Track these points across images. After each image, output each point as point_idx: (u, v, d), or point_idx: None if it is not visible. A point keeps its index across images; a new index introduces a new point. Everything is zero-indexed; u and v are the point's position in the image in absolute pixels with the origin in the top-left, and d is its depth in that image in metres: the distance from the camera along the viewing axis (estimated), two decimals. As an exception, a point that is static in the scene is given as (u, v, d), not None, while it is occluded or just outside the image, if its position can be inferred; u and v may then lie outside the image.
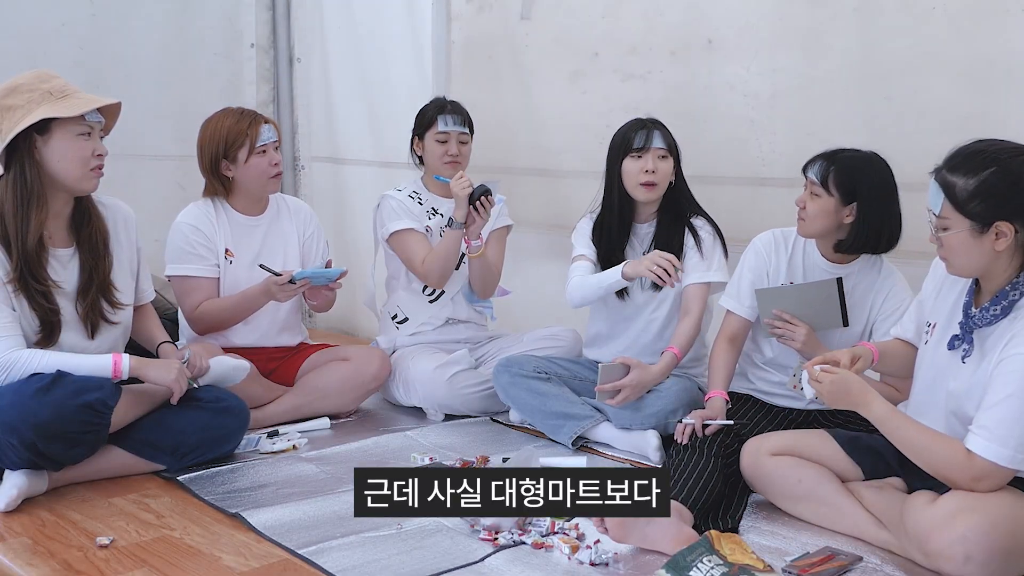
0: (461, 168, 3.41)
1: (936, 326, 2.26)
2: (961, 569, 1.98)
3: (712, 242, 3.07)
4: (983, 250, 2.04)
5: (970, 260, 2.08)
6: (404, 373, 3.36)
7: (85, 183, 2.57)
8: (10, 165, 2.49)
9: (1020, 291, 2.07)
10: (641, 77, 3.63)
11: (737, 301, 2.83)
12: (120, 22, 4.38)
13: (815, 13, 3.19)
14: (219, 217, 3.20)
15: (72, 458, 2.52)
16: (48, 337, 2.56)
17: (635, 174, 3.02)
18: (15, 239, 2.48)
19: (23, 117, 2.45)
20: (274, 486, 2.65)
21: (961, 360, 2.15)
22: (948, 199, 2.04)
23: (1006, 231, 2.01)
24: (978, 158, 2.02)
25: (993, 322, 2.09)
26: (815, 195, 2.62)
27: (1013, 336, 2.03)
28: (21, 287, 2.50)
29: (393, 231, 3.42)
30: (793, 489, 2.41)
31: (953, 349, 2.17)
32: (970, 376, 2.12)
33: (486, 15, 4.13)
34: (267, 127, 3.16)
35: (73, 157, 2.52)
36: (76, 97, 2.53)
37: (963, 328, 2.15)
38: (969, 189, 2.00)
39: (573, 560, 2.19)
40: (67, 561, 2.17)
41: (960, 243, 2.05)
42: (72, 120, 2.51)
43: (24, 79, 2.51)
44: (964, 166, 2.03)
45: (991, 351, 2.08)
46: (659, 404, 2.94)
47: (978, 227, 2.02)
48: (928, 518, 2.05)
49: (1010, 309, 2.07)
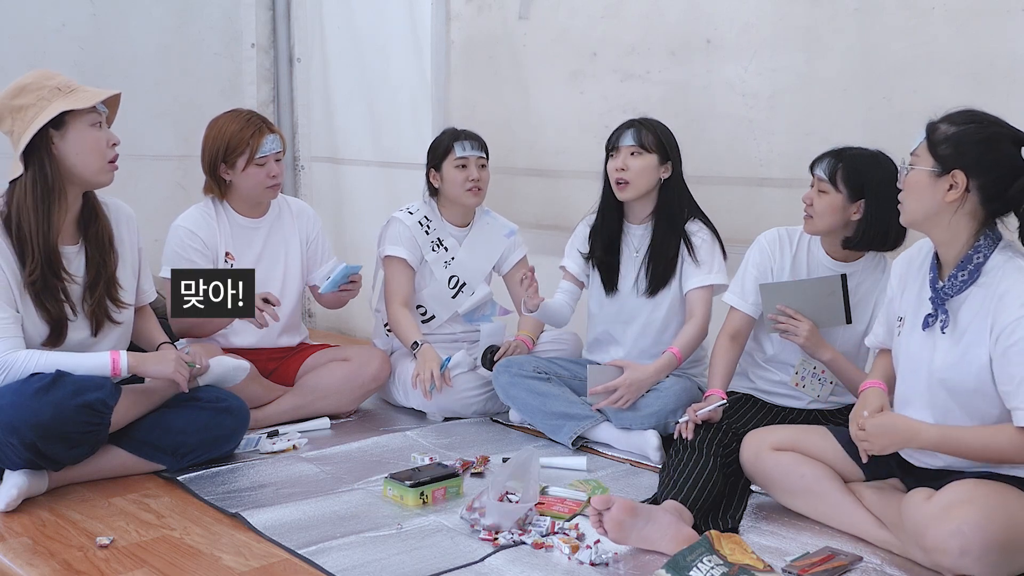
0: (483, 193, 3.40)
1: (905, 318, 2.28)
2: (958, 562, 1.98)
3: (711, 246, 3.07)
4: (934, 196, 2.11)
5: (920, 203, 2.14)
6: (403, 375, 3.36)
7: (103, 176, 2.59)
8: (28, 164, 2.49)
9: (983, 253, 2.11)
10: (640, 77, 3.63)
11: (740, 297, 2.83)
12: (120, 22, 4.38)
13: (815, 13, 3.19)
14: (220, 219, 3.20)
15: (72, 458, 2.52)
16: (56, 338, 2.56)
17: (612, 173, 3.04)
18: (36, 236, 2.49)
19: (37, 114, 2.47)
20: (274, 486, 2.65)
21: (940, 331, 2.15)
22: (927, 138, 2.14)
23: (959, 182, 2.08)
24: (966, 115, 2.14)
25: (963, 288, 2.12)
26: (823, 192, 2.63)
27: (1000, 300, 2.05)
28: (34, 287, 2.50)
29: (386, 254, 3.43)
30: (794, 484, 2.41)
31: (928, 327, 2.19)
32: (952, 347, 2.13)
33: (485, 15, 4.13)
34: (271, 138, 3.14)
35: (92, 148, 2.54)
36: (83, 90, 2.55)
37: (934, 303, 2.17)
38: (947, 134, 2.11)
39: (573, 560, 2.19)
40: (67, 561, 2.17)
41: (918, 182, 2.14)
42: (84, 111, 2.52)
43: (29, 79, 2.52)
44: (952, 118, 2.14)
45: (967, 320, 2.11)
46: (659, 404, 2.94)
47: (938, 170, 2.10)
48: (924, 513, 2.06)
49: (977, 273, 2.11)
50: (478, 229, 3.52)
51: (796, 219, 2.76)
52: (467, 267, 3.48)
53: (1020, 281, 2.05)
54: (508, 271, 3.56)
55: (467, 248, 3.49)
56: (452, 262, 3.46)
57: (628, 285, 3.13)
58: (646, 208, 3.11)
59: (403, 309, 3.36)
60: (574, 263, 3.23)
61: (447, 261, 3.46)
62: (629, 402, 2.96)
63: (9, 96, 2.50)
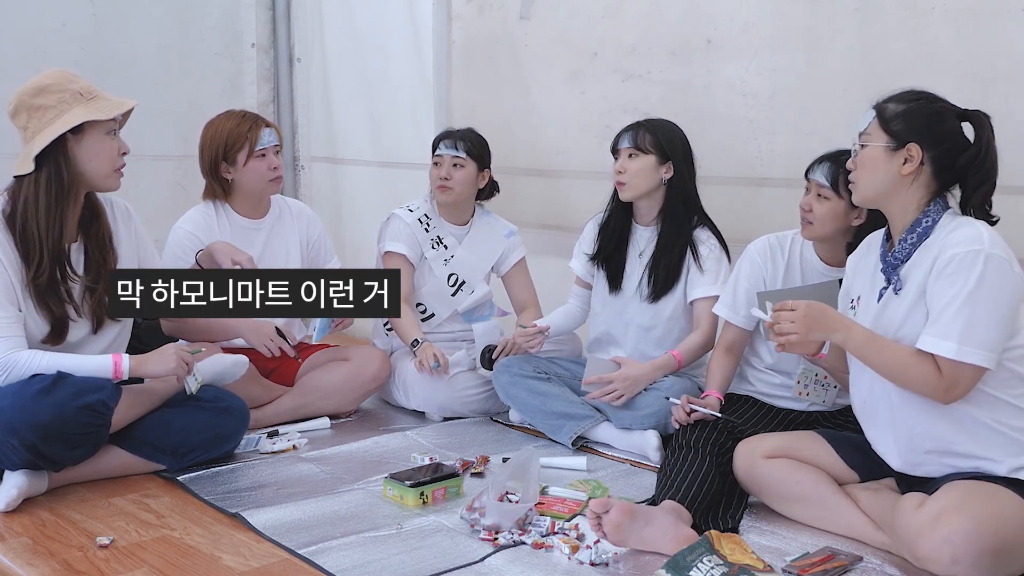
0: (452, 192, 3.40)
1: (861, 296, 2.32)
2: (950, 570, 1.98)
3: (718, 256, 3.07)
4: (890, 171, 2.17)
5: (873, 178, 2.20)
6: (403, 376, 3.36)
7: (111, 181, 2.60)
8: (41, 164, 2.49)
9: (932, 218, 2.16)
10: (641, 77, 3.63)
11: (732, 311, 2.82)
12: (120, 22, 4.38)
13: (815, 13, 3.18)
14: (220, 221, 3.20)
15: (73, 459, 2.53)
16: (57, 336, 2.56)
17: (613, 175, 3.05)
18: (46, 237, 2.49)
19: (57, 118, 2.47)
20: (274, 486, 2.66)
21: (894, 293, 2.19)
22: (877, 117, 2.20)
23: (915, 154, 2.15)
24: (912, 93, 2.22)
25: (911, 252, 2.17)
26: (823, 198, 2.62)
27: (941, 247, 2.09)
28: (38, 287, 2.50)
29: (386, 250, 3.44)
30: (790, 491, 2.41)
31: (882, 298, 2.23)
32: (901, 305, 2.17)
33: (486, 15, 4.13)
34: (268, 131, 3.16)
35: (105, 156, 2.55)
36: (104, 98, 2.57)
37: (886, 272, 2.22)
38: (897, 111, 2.19)
39: (573, 560, 2.19)
40: (67, 561, 2.17)
41: (873, 158, 2.19)
42: (103, 120, 2.54)
43: (51, 79, 2.52)
44: (899, 97, 2.22)
45: (916, 279, 2.15)
46: (659, 404, 2.93)
47: (893, 145, 2.17)
48: (915, 522, 2.05)
49: (925, 235, 2.16)
50: (477, 228, 3.52)
51: (796, 219, 2.75)
52: (466, 266, 3.48)
53: (961, 229, 2.11)
54: (507, 272, 3.56)
55: (467, 247, 3.49)
56: (451, 260, 3.47)
57: (632, 287, 3.13)
58: (652, 209, 3.11)
59: (404, 305, 3.37)
60: (580, 265, 3.25)
61: (446, 259, 3.46)
62: (624, 399, 2.96)
63: (29, 94, 2.50)
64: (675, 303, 3.10)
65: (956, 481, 2.11)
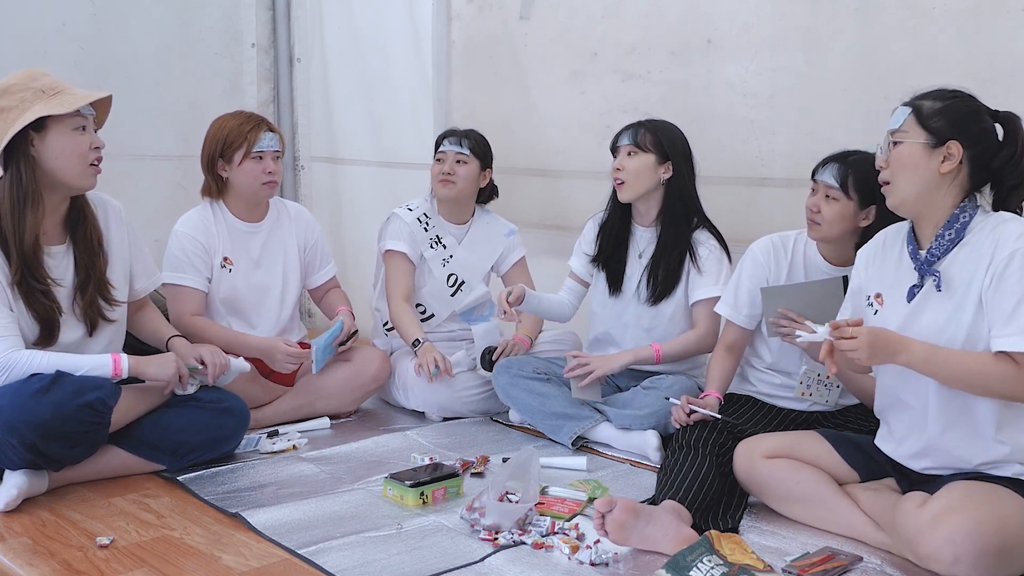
0: (455, 187, 3.40)
1: (883, 294, 2.27)
2: (951, 570, 1.98)
3: (718, 257, 3.07)
4: (929, 169, 2.12)
5: (914, 177, 2.13)
6: (403, 376, 3.36)
7: (84, 180, 2.56)
8: (7, 166, 2.48)
9: (968, 213, 2.13)
10: (641, 77, 3.63)
11: (734, 310, 2.81)
12: (120, 22, 4.38)
13: (815, 13, 3.18)
14: (218, 223, 3.20)
15: (72, 458, 2.52)
16: (48, 336, 2.56)
17: (612, 173, 3.06)
18: (13, 239, 2.48)
19: (17, 117, 2.45)
20: (274, 486, 2.65)
21: (936, 290, 2.14)
22: (914, 113, 2.14)
23: (955, 152, 2.10)
24: (947, 91, 2.18)
25: (950, 248, 2.13)
26: (832, 199, 2.60)
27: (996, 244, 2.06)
28: (21, 288, 2.50)
29: (387, 249, 3.44)
30: (790, 491, 2.40)
31: (915, 296, 2.18)
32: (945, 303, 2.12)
33: (486, 15, 4.13)
34: (269, 135, 3.15)
35: (71, 153, 2.51)
36: (68, 93, 2.52)
37: (921, 271, 2.17)
38: (935, 108, 2.14)
39: (573, 560, 2.19)
40: (67, 561, 2.17)
41: (910, 156, 2.13)
42: (67, 115, 2.50)
43: (14, 79, 2.50)
44: (934, 94, 2.17)
45: (959, 275, 2.11)
46: (659, 404, 2.93)
47: (932, 142, 2.11)
48: (916, 522, 2.05)
49: (963, 232, 2.12)
50: (477, 228, 3.52)
51: (797, 219, 2.75)
52: (466, 265, 3.48)
53: (1008, 225, 2.08)
54: (507, 271, 3.56)
55: (466, 246, 3.49)
56: (451, 260, 3.47)
57: (631, 288, 3.13)
58: (652, 210, 3.11)
59: (404, 304, 3.37)
60: (579, 264, 3.25)
61: (445, 259, 3.46)
62: (596, 375, 2.99)
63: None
64: (675, 305, 3.10)
65: (958, 481, 2.11)
